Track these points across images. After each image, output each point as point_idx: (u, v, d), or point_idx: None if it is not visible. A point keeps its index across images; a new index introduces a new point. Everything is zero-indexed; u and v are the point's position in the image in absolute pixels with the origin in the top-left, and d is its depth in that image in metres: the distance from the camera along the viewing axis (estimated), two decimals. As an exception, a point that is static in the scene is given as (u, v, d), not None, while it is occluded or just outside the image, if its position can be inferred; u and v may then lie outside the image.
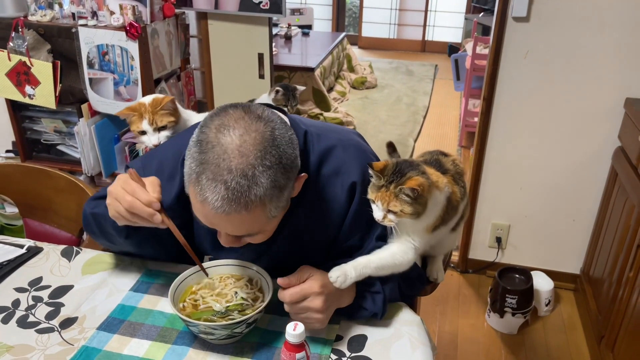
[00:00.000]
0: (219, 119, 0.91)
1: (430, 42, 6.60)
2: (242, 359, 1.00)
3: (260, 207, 0.90)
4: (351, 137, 1.19)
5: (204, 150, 0.89)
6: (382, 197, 1.03)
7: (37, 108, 2.39)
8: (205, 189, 0.88)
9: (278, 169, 0.90)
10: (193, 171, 0.90)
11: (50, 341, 1.04)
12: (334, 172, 1.12)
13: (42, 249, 1.31)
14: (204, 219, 0.94)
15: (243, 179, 0.87)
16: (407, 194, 1.01)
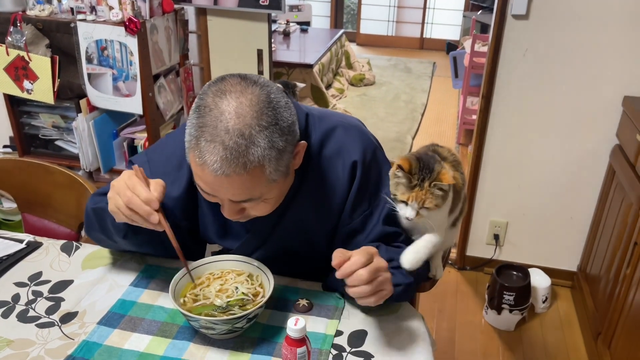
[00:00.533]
0: (216, 86, 0.93)
1: (429, 39, 6.60)
2: (242, 354, 1.01)
3: (259, 168, 0.91)
4: (352, 120, 1.20)
5: (202, 115, 0.91)
6: (417, 196, 1.03)
7: (35, 103, 2.38)
8: (204, 151, 0.89)
9: (275, 130, 0.91)
10: (192, 136, 0.92)
11: (51, 335, 1.04)
12: (336, 153, 1.12)
13: (42, 244, 1.31)
14: (205, 185, 0.95)
15: (241, 139, 0.88)
16: (443, 188, 1.02)
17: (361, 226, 1.15)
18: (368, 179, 1.14)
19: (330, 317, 1.10)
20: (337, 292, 1.16)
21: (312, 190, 1.13)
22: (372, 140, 1.18)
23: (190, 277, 1.07)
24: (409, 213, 1.05)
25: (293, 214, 1.15)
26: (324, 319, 1.09)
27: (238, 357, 1.00)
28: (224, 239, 1.23)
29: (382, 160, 1.18)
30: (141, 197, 0.97)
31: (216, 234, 1.23)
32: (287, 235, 1.18)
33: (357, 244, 1.15)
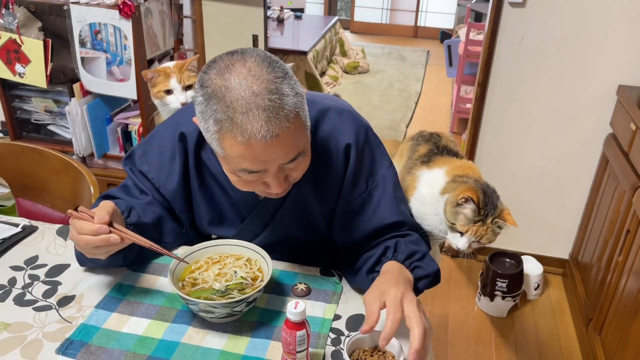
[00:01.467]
0: (213, 70, 0.91)
1: (423, 27, 6.59)
2: (241, 338, 1.01)
3: (296, 116, 0.91)
4: (343, 103, 1.21)
5: (220, 97, 0.89)
6: (477, 231, 1.01)
7: (28, 87, 2.35)
8: (245, 124, 0.88)
9: (290, 78, 0.92)
10: (221, 121, 0.90)
11: (49, 319, 1.03)
12: (329, 134, 1.12)
13: (38, 228, 1.30)
14: (253, 162, 0.93)
15: (272, 94, 0.88)
16: (502, 227, 1.01)
17: (360, 209, 1.15)
18: (362, 161, 1.14)
19: (329, 302, 1.10)
20: (335, 277, 1.17)
21: (310, 173, 1.13)
22: (364, 122, 1.18)
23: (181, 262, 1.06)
24: (462, 245, 1.04)
25: (292, 199, 1.14)
26: (322, 303, 1.10)
27: (237, 341, 1.00)
28: (219, 228, 1.23)
29: (375, 141, 1.17)
30: (90, 233, 0.97)
31: (210, 223, 1.22)
32: (287, 222, 1.18)
33: (356, 228, 1.15)
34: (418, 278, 1.04)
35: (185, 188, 1.18)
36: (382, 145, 1.20)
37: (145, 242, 1.03)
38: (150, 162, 1.19)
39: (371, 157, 1.16)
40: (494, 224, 1.00)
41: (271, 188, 1.00)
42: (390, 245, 1.08)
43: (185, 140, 1.16)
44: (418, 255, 1.05)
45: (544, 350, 2.12)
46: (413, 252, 1.05)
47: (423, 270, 1.04)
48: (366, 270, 1.08)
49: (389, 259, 1.05)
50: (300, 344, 0.91)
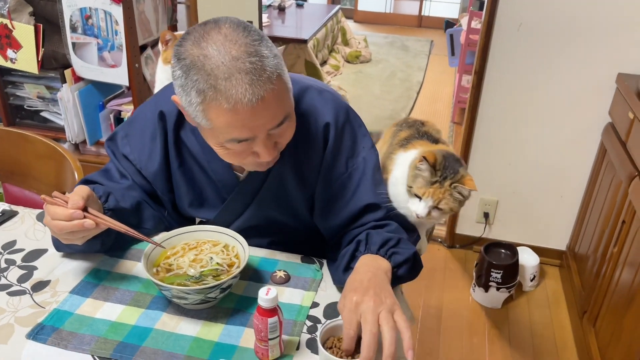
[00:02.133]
0: (187, 42, 0.90)
1: (427, 17, 6.52)
2: (215, 324, 0.99)
3: (279, 77, 0.90)
4: (325, 85, 1.19)
5: (199, 67, 0.88)
6: (433, 193, 0.98)
7: (20, 73, 2.33)
8: (229, 90, 0.86)
9: (266, 41, 0.91)
10: (204, 91, 0.88)
11: (22, 304, 1.02)
12: (308, 112, 1.10)
13: (18, 213, 1.29)
14: (242, 129, 0.91)
15: (251, 57, 0.87)
16: (462, 193, 0.98)
17: (340, 191, 1.12)
18: (342, 141, 1.11)
19: (307, 289, 1.08)
20: (315, 265, 1.15)
21: (290, 154, 1.10)
22: (344, 103, 1.15)
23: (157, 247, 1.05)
24: (420, 210, 1.00)
25: (273, 180, 1.13)
26: (300, 290, 1.08)
27: (211, 328, 0.98)
28: (199, 210, 1.21)
29: (357, 122, 1.15)
30: (64, 218, 0.96)
31: (191, 205, 1.20)
32: (268, 203, 1.16)
33: (337, 211, 1.13)
34: (397, 265, 1.01)
35: (166, 168, 1.17)
36: (364, 126, 1.17)
37: (120, 227, 1.02)
38: (132, 144, 1.17)
39: (352, 138, 1.13)
40: (454, 188, 0.97)
41: (261, 156, 0.98)
42: (362, 238, 1.05)
43: (164, 119, 1.14)
44: (392, 241, 1.03)
45: (537, 341, 2.10)
46: (387, 240, 1.03)
47: (400, 256, 1.01)
48: (342, 269, 1.05)
49: (362, 253, 1.02)
50: (272, 331, 0.89)
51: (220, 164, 1.13)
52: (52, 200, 0.99)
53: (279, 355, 0.93)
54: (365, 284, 0.92)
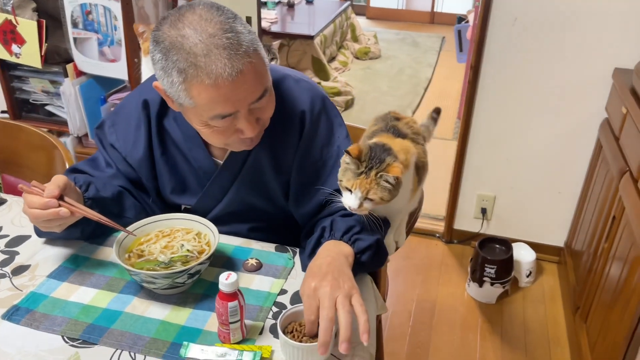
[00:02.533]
0: (164, 26, 0.94)
1: (440, 13, 6.48)
2: (183, 309, 1.02)
3: (255, 51, 0.94)
4: (303, 75, 1.21)
5: (178, 47, 0.91)
6: (361, 184, 0.99)
7: (26, 67, 2.39)
8: (209, 66, 0.90)
9: (240, 19, 0.96)
10: (184, 70, 0.92)
11: (1, 286, 1.06)
12: (285, 100, 1.13)
13: (6, 201, 1.33)
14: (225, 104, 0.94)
15: (227, 33, 0.91)
16: (389, 181, 0.99)
17: (314, 178, 1.15)
18: (317, 129, 1.13)
19: (277, 277, 1.11)
20: (288, 253, 1.17)
21: (267, 140, 1.13)
22: (321, 92, 1.18)
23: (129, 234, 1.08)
24: (351, 202, 1.01)
25: (250, 166, 1.16)
26: (271, 278, 1.10)
27: (179, 312, 1.01)
28: (181, 196, 1.24)
29: (333, 111, 1.17)
30: (40, 207, 0.99)
31: (173, 191, 1.23)
32: (246, 189, 1.19)
33: (309, 198, 1.15)
34: (360, 251, 1.02)
35: (150, 155, 1.20)
36: (340, 116, 1.19)
37: (94, 215, 1.05)
38: (118, 132, 1.21)
39: (328, 127, 1.16)
40: (380, 177, 0.98)
41: (245, 132, 1.01)
42: (327, 225, 1.06)
43: (148, 108, 1.18)
44: (357, 228, 1.04)
45: (530, 337, 2.09)
46: (351, 227, 1.04)
47: (363, 242, 1.02)
48: (307, 255, 1.07)
49: (326, 239, 1.04)
50: (232, 315, 0.91)
51: (201, 151, 1.17)
52: (29, 189, 1.03)
53: (241, 338, 0.95)
54: (324, 268, 0.94)
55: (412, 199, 1.17)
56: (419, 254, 2.54)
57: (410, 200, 1.17)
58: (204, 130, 1.02)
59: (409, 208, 1.24)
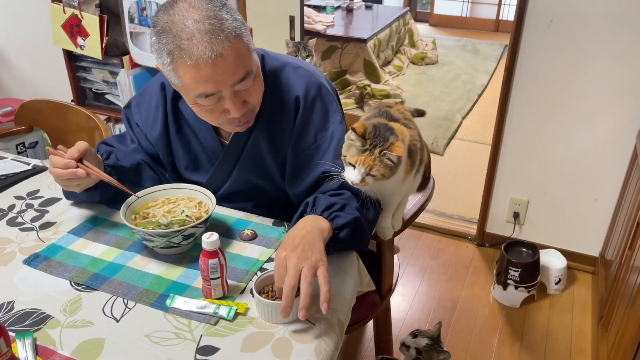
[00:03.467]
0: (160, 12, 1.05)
1: (505, 21, 6.36)
2: (178, 267, 1.12)
3: (237, 37, 1.03)
4: (304, 63, 1.28)
5: (166, 31, 1.02)
6: (364, 161, 1.06)
7: (89, 59, 2.62)
8: (191, 48, 1.00)
9: (229, 8, 1.05)
10: (171, 51, 1.03)
11: (28, 238, 1.21)
12: (283, 86, 1.21)
13: (47, 168, 1.50)
14: (207, 84, 1.04)
15: (211, 19, 1.01)
16: (392, 159, 1.05)
17: (307, 161, 1.22)
18: (312, 115, 1.21)
19: (269, 247, 1.19)
20: (284, 227, 1.25)
21: (265, 124, 1.23)
22: (319, 79, 1.24)
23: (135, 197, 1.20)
24: (354, 177, 1.08)
25: (251, 146, 1.25)
26: (262, 247, 1.19)
27: (173, 269, 1.12)
28: (194, 173, 1.35)
29: (328, 98, 1.24)
30: (60, 166, 1.13)
31: (187, 168, 1.35)
32: (248, 170, 1.29)
33: (302, 180, 1.23)
34: (338, 227, 1.08)
35: (166, 134, 1.33)
36: (336, 103, 1.26)
37: (106, 177, 1.18)
38: (141, 111, 1.35)
39: (323, 112, 1.23)
40: (383, 155, 1.03)
41: (231, 113, 1.10)
42: (309, 200, 1.12)
43: (165, 90, 1.30)
44: (337, 205, 1.09)
45: (551, 345, 2.05)
46: (332, 204, 1.10)
47: (342, 219, 1.08)
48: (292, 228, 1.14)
49: (307, 214, 1.10)
50: (212, 271, 1.00)
51: (208, 132, 1.28)
52: (54, 151, 1.18)
53: (222, 295, 1.04)
54: (297, 240, 1.00)
55: (404, 181, 1.21)
56: (448, 255, 2.54)
57: (403, 183, 1.21)
58: (195, 109, 1.12)
59: (402, 191, 1.28)
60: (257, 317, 1.00)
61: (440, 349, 1.41)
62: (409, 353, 1.45)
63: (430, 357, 1.41)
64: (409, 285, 2.35)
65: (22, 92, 3.37)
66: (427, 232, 2.70)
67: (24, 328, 0.97)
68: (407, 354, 1.45)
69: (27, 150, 2.60)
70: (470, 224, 2.69)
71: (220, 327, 0.98)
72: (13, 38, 3.23)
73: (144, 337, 0.95)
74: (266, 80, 1.20)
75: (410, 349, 1.46)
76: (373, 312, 1.52)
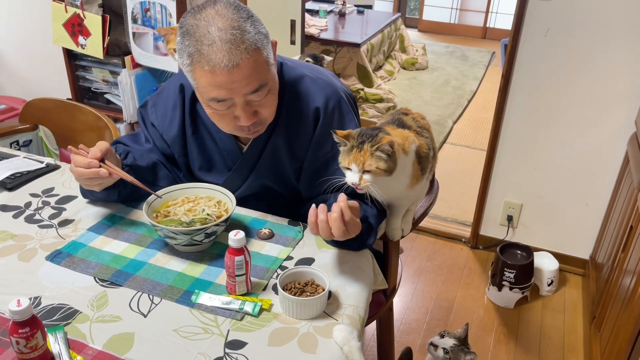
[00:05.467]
0: (188, 15, 1.08)
1: (492, 29, 6.47)
2: (199, 265, 1.15)
3: (257, 51, 1.06)
4: (322, 71, 1.32)
5: (191, 34, 1.05)
6: (355, 158, 1.09)
7: (89, 58, 2.63)
8: (210, 55, 1.04)
9: (254, 20, 1.08)
10: (191, 54, 1.06)
11: (48, 235, 1.23)
12: (302, 95, 1.25)
13: (60, 167, 1.51)
14: (220, 90, 1.07)
15: (234, 30, 1.04)
16: (383, 149, 1.08)
17: (324, 167, 1.26)
18: (330, 125, 1.24)
19: (286, 245, 1.22)
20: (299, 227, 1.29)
21: (283, 130, 1.26)
22: (338, 91, 1.28)
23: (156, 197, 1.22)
24: (352, 178, 1.10)
25: (269, 152, 1.28)
26: (280, 246, 1.22)
27: (195, 267, 1.15)
28: (208, 174, 1.38)
29: (346, 110, 1.28)
30: (83, 166, 1.15)
31: (201, 169, 1.37)
32: (264, 174, 1.31)
33: (319, 184, 1.27)
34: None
35: (183, 134, 1.35)
36: (352, 113, 1.30)
37: (128, 177, 1.20)
38: (158, 111, 1.37)
39: (340, 123, 1.27)
40: (376, 149, 1.07)
41: (240, 120, 1.13)
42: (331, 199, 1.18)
43: (184, 91, 1.33)
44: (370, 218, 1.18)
45: (545, 344, 2.11)
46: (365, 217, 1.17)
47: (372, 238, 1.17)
48: None
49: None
50: (238, 268, 1.03)
51: (227, 134, 1.30)
52: (77, 150, 1.20)
53: (246, 291, 1.07)
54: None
55: (413, 187, 1.25)
56: (443, 257, 2.59)
57: (411, 188, 1.25)
58: (208, 110, 1.16)
59: (412, 196, 1.32)
60: (281, 313, 1.03)
61: (467, 349, 1.46)
62: (436, 353, 1.50)
63: (457, 357, 1.46)
64: (406, 286, 2.40)
65: (17, 90, 3.35)
66: (423, 234, 2.75)
67: (54, 323, 0.99)
68: (435, 353, 1.50)
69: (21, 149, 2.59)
70: (464, 227, 2.75)
71: (246, 322, 1.01)
72: (8, 36, 3.21)
73: (173, 332, 0.98)
74: (284, 88, 1.23)
75: (438, 348, 1.50)
76: (379, 311, 1.56)
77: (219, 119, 1.17)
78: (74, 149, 1.20)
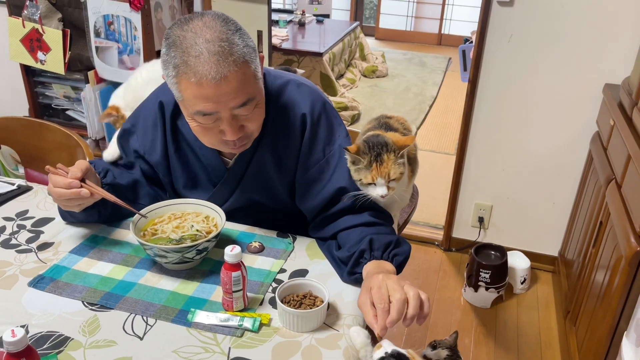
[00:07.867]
0: (174, 25, 1.05)
1: (447, 35, 6.63)
2: (191, 282, 1.12)
3: (246, 63, 1.03)
4: (305, 79, 1.31)
5: (178, 45, 1.02)
6: (380, 172, 1.08)
7: (49, 74, 2.54)
8: (197, 67, 1.01)
9: (242, 33, 1.05)
10: (177, 65, 1.03)
11: (27, 259, 1.17)
12: (287, 104, 1.23)
13: (32, 188, 1.45)
14: (207, 103, 1.03)
15: (222, 42, 1.01)
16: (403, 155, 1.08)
17: (318, 175, 1.24)
18: (318, 130, 1.23)
19: (278, 258, 1.21)
20: (289, 239, 1.27)
21: (270, 142, 1.24)
22: (322, 96, 1.28)
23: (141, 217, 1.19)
24: (381, 191, 1.10)
25: (256, 166, 1.26)
26: (272, 259, 1.21)
27: (187, 284, 1.12)
28: (192, 191, 1.35)
29: (332, 113, 1.27)
30: (63, 186, 1.11)
31: (185, 187, 1.34)
32: (251, 188, 1.29)
33: (315, 194, 1.24)
34: (399, 265, 1.12)
35: (166, 153, 1.31)
36: (339, 117, 1.30)
37: (111, 197, 1.17)
38: (139, 135, 1.32)
39: (328, 127, 1.25)
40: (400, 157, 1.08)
41: (227, 134, 1.10)
42: (365, 247, 1.12)
43: (163, 109, 1.29)
44: (393, 244, 1.13)
45: (523, 340, 2.16)
46: (389, 243, 1.12)
47: (401, 256, 1.13)
48: (347, 273, 1.14)
49: (367, 260, 1.11)
50: (235, 284, 1.01)
51: (210, 150, 1.27)
52: (55, 170, 1.15)
53: (243, 307, 1.05)
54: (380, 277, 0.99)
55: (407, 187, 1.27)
56: (418, 261, 2.63)
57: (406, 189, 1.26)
58: (192, 124, 1.12)
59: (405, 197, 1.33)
60: (281, 327, 1.02)
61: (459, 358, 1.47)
62: None
63: None
64: (384, 291, 2.41)
65: (-31, 109, 3.20)
66: (396, 239, 2.78)
67: (45, 352, 0.94)
68: None
69: (-20, 170, 2.48)
70: (436, 230, 2.79)
71: (246, 338, 0.99)
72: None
73: (172, 353, 0.95)
74: (269, 98, 1.22)
75: None
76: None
77: (203, 133, 1.13)
78: (52, 169, 1.16)
